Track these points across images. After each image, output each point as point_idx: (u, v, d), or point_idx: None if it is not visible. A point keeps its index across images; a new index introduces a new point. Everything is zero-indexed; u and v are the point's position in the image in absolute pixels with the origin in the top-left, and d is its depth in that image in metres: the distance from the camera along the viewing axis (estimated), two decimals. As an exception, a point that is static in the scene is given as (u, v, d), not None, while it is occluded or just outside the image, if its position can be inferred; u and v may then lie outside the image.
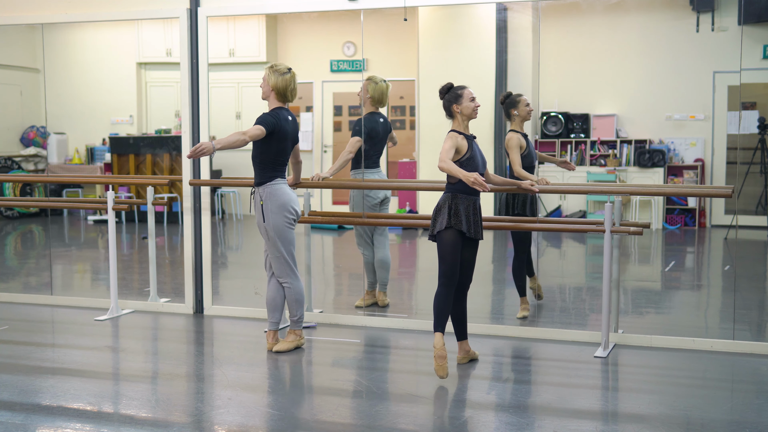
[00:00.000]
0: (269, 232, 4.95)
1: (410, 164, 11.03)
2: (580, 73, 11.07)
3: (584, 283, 7.91)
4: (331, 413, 4.08)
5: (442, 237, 4.57)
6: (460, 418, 4.01)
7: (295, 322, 5.16)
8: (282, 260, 4.99)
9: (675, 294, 7.29)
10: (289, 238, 4.99)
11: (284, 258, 4.99)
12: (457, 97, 4.62)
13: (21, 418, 3.97)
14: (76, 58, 12.11)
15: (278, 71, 4.93)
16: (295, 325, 5.16)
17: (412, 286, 7.62)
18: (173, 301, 6.44)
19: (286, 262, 5.00)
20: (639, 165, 10.71)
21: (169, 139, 11.43)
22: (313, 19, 11.36)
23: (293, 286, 5.05)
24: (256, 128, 4.79)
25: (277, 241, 4.95)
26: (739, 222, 9.54)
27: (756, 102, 10.54)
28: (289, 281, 5.05)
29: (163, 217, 11.14)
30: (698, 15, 10.49)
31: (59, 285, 7.47)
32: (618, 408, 4.19)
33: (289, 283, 5.05)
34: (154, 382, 4.67)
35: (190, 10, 6.08)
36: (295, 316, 5.14)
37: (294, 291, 5.06)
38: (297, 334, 5.18)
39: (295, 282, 5.06)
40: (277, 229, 4.94)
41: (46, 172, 11.74)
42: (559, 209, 10.71)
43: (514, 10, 10.34)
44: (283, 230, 4.95)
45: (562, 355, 5.10)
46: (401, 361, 5.22)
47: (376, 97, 6.18)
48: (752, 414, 4.01)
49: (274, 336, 5.18)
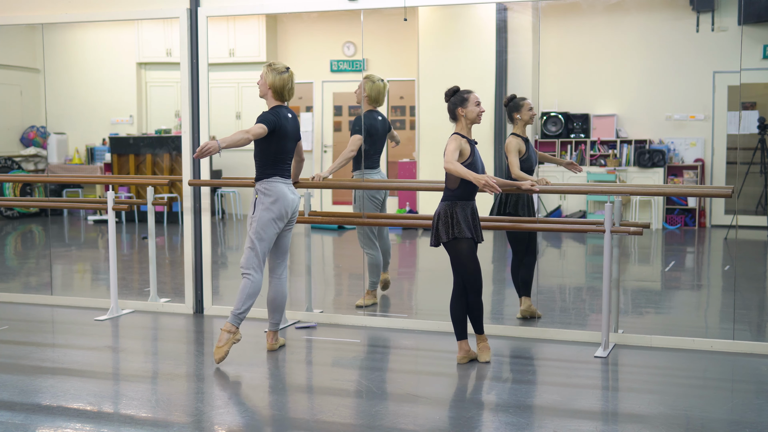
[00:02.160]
0: (253, 223, 4.92)
1: (410, 164, 11.03)
2: (580, 73, 11.07)
3: (584, 283, 7.91)
4: (331, 413, 4.08)
5: (456, 249, 4.63)
6: (460, 418, 4.01)
7: (236, 315, 4.90)
8: (252, 252, 4.93)
9: (675, 294, 7.28)
10: (268, 235, 4.93)
11: (256, 250, 4.93)
12: (462, 100, 4.63)
13: (21, 418, 3.97)
14: (76, 58, 12.11)
15: (276, 70, 4.93)
16: (234, 320, 4.90)
17: (412, 286, 7.62)
18: (173, 301, 6.44)
19: (256, 255, 4.93)
20: (639, 165, 10.72)
21: (169, 139, 11.43)
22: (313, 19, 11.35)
23: (255, 280, 4.94)
24: (258, 127, 4.79)
25: (257, 233, 4.90)
26: (739, 222, 9.54)
27: (756, 102, 10.54)
28: (253, 274, 4.94)
29: (163, 217, 11.14)
30: (698, 15, 10.49)
31: (59, 285, 7.47)
32: (618, 408, 4.19)
33: (252, 276, 4.93)
34: (154, 382, 4.67)
35: (190, 10, 6.08)
36: (239, 310, 4.90)
37: (253, 285, 4.93)
38: (231, 330, 4.87)
39: (257, 276, 4.95)
40: (261, 223, 4.90)
41: (46, 172, 11.74)
42: (559, 209, 10.71)
43: (514, 10, 10.34)
44: (267, 227, 4.91)
45: (562, 355, 5.10)
46: (401, 361, 5.22)
47: (373, 96, 6.20)
48: (752, 414, 4.01)
49: (274, 336, 5.18)
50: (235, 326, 4.89)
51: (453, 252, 4.64)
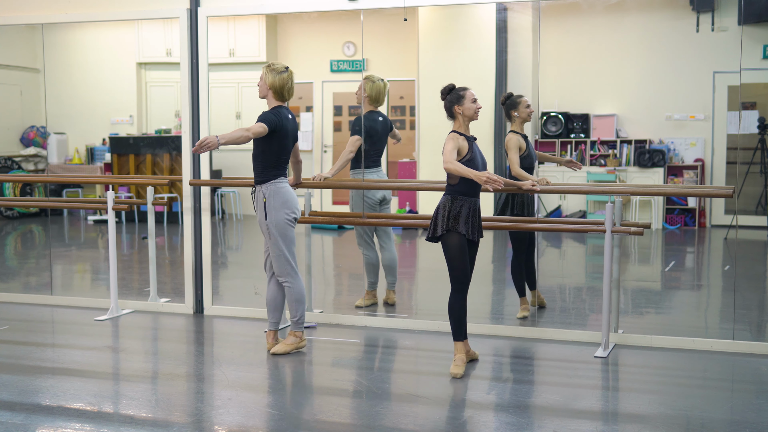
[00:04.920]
0: (271, 229, 4.93)
1: (410, 164, 11.03)
2: (580, 73, 11.07)
3: (584, 283, 7.90)
4: (331, 413, 4.08)
5: (446, 242, 4.58)
6: (460, 418, 4.01)
7: (295, 323, 5.09)
8: (283, 259, 4.98)
9: (675, 294, 7.28)
10: (290, 236, 4.98)
11: (285, 257, 4.97)
12: (459, 98, 4.63)
13: (21, 418, 3.97)
14: (76, 58, 12.11)
15: (275, 70, 4.94)
16: (296, 326, 5.10)
17: (412, 286, 7.62)
18: (173, 301, 6.44)
19: (287, 260, 4.98)
20: (639, 165, 10.72)
21: (169, 139, 11.43)
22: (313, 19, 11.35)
23: (294, 285, 5.02)
24: (258, 126, 4.79)
25: (278, 239, 4.94)
26: (739, 222, 9.54)
27: (756, 102, 10.53)
28: (290, 281, 5.01)
29: (163, 217, 11.14)
30: (698, 15, 10.49)
31: (59, 285, 7.47)
32: (618, 408, 4.19)
33: (290, 283, 5.01)
34: (154, 382, 4.67)
35: (190, 10, 6.08)
36: (295, 317, 5.08)
37: (295, 291, 5.02)
38: (298, 335, 5.10)
39: (296, 281, 5.02)
40: (279, 226, 4.93)
41: (46, 172, 11.73)
42: (559, 209, 10.71)
43: (514, 10, 10.34)
44: (285, 228, 4.94)
45: (562, 355, 5.10)
46: (401, 361, 5.22)
47: (373, 96, 6.20)
48: (752, 414, 4.01)
49: (274, 336, 5.18)
50: (300, 332, 5.11)
51: (444, 245, 4.62)
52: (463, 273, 4.59)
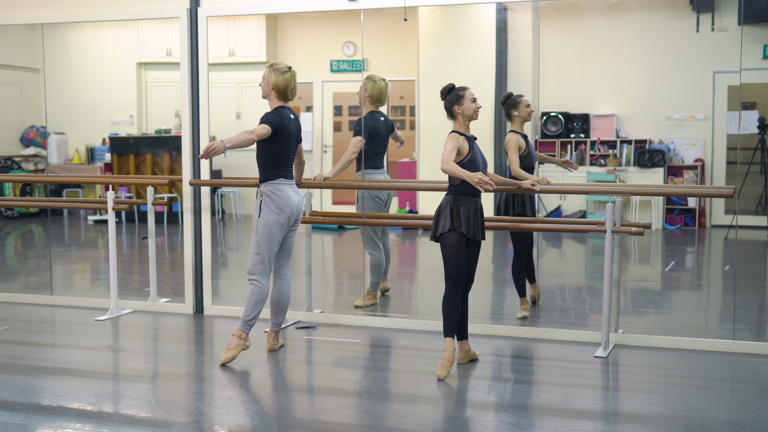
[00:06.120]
0: (259, 226, 4.91)
1: (410, 164, 11.03)
2: (580, 73, 11.07)
3: (584, 283, 7.91)
4: (331, 413, 4.08)
5: (445, 240, 4.58)
6: (460, 418, 4.01)
7: (246, 322, 4.93)
8: (258, 258, 4.92)
9: (675, 294, 7.29)
10: (274, 239, 4.92)
11: (262, 257, 4.91)
12: (458, 98, 4.62)
13: (21, 418, 3.97)
14: (76, 58, 12.11)
15: (278, 70, 4.93)
16: (244, 327, 4.93)
17: (412, 287, 7.62)
18: (173, 301, 6.44)
19: (262, 261, 4.92)
20: (639, 165, 10.72)
21: (169, 139, 11.43)
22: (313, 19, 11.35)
23: (263, 286, 4.93)
24: (262, 127, 4.79)
25: (262, 237, 4.90)
26: (739, 222, 9.54)
27: (756, 102, 10.54)
28: (260, 280, 4.93)
29: (163, 217, 11.14)
30: (698, 15, 10.49)
31: (59, 285, 7.47)
32: (618, 408, 4.19)
33: (260, 283, 4.93)
34: (154, 382, 4.67)
35: (190, 10, 6.08)
36: (248, 317, 4.93)
37: (261, 291, 4.93)
38: (243, 337, 4.92)
39: (265, 283, 4.95)
40: (267, 226, 4.89)
41: (46, 172, 11.74)
42: (559, 209, 10.71)
43: (514, 10, 10.34)
44: (272, 229, 4.91)
45: (562, 355, 5.10)
46: (401, 361, 5.22)
47: (375, 96, 6.20)
48: (752, 414, 4.01)
49: (275, 337, 5.18)
50: (245, 333, 4.93)
51: (442, 242, 4.62)
52: (457, 271, 4.58)
